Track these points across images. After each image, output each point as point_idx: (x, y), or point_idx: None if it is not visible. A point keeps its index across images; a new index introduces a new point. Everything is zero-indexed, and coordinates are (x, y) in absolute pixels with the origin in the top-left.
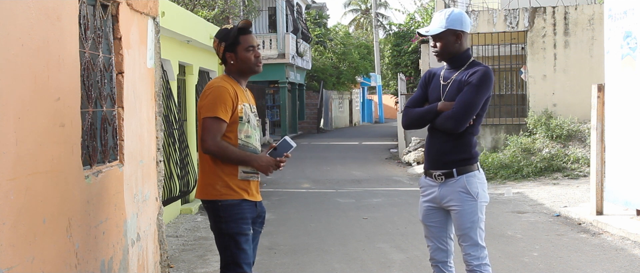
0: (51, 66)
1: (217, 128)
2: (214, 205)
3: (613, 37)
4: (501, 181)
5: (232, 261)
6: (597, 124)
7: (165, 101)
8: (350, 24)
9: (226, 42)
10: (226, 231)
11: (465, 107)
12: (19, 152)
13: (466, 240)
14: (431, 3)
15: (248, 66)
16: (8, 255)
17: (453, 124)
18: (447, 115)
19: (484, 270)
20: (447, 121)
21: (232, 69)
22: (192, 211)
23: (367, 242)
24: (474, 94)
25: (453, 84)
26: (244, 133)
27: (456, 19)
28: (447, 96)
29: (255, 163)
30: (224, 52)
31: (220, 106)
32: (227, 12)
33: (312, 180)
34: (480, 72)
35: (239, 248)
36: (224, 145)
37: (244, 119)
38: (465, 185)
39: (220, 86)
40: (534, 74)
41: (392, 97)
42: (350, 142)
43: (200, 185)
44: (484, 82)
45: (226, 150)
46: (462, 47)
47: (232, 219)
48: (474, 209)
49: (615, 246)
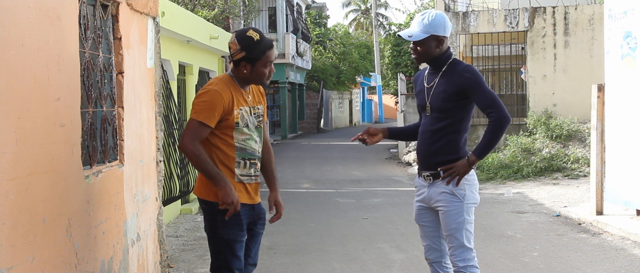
0: (51, 66)
1: (198, 132)
2: (212, 207)
3: (613, 37)
4: (501, 181)
5: (224, 266)
6: (597, 124)
7: (165, 101)
8: (350, 24)
9: (248, 54)
10: (222, 235)
11: (493, 102)
12: (19, 152)
13: (452, 241)
14: (431, 3)
15: (259, 80)
16: (8, 255)
17: (505, 121)
18: (499, 119)
19: (470, 271)
20: (501, 125)
21: (240, 75)
22: (192, 211)
23: (367, 242)
24: (484, 90)
25: (436, 90)
26: (241, 136)
27: (439, 24)
28: (432, 102)
29: (221, 191)
30: (241, 60)
31: (208, 112)
32: (227, 12)
33: (312, 180)
34: (469, 76)
35: (233, 254)
36: (198, 152)
37: (240, 125)
38: (451, 186)
39: (215, 91)
40: (534, 74)
41: (392, 97)
42: (350, 142)
43: (198, 183)
44: (478, 78)
45: (199, 158)
46: (442, 51)
47: (229, 225)
48: (459, 210)
49: (615, 246)
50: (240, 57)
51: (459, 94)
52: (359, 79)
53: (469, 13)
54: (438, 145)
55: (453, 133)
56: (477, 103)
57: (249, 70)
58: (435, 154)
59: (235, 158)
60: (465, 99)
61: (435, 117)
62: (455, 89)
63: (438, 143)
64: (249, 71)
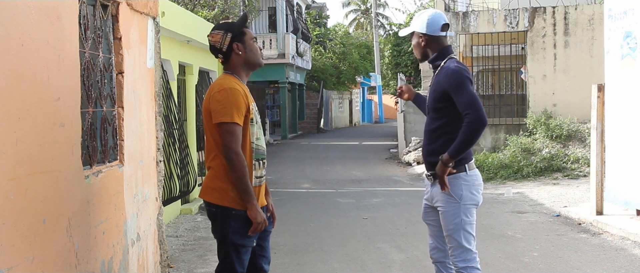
0: (51, 66)
1: (239, 134)
2: (226, 212)
3: (613, 37)
4: (501, 181)
5: (230, 269)
6: (597, 124)
7: (165, 101)
8: (350, 24)
9: (233, 32)
10: (231, 240)
11: (471, 104)
12: (19, 152)
13: (451, 242)
14: (431, 3)
15: (256, 55)
16: (8, 255)
17: (480, 123)
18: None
19: (471, 272)
20: (476, 128)
21: (237, 63)
22: (192, 211)
23: (367, 242)
24: (463, 92)
25: (430, 90)
26: (255, 135)
27: (420, 21)
28: (428, 102)
29: (252, 210)
30: (231, 44)
31: (236, 111)
32: (227, 12)
33: (312, 180)
34: (450, 74)
35: (239, 258)
36: (244, 161)
37: (254, 121)
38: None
39: (233, 89)
40: (534, 74)
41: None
42: (350, 142)
43: (210, 188)
44: (459, 79)
45: (245, 168)
46: (433, 50)
47: (241, 231)
48: (456, 211)
49: (615, 246)
50: (229, 40)
51: (446, 94)
52: (359, 79)
53: (469, 13)
54: (435, 145)
55: (448, 133)
56: (456, 103)
57: (243, 49)
58: (433, 154)
59: (253, 160)
60: (452, 99)
61: (432, 117)
62: (441, 89)
63: (435, 143)
64: (243, 50)
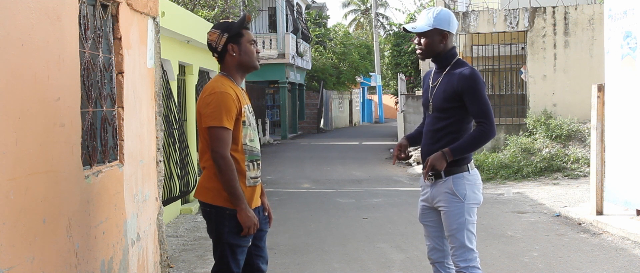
0: (51, 66)
1: (227, 139)
2: (221, 212)
3: (613, 37)
4: (501, 181)
5: (226, 269)
6: (597, 124)
7: (165, 101)
8: (350, 24)
9: (229, 33)
10: (227, 240)
11: (486, 114)
12: (19, 152)
13: (453, 241)
14: (431, 3)
15: (251, 58)
16: (8, 255)
17: (491, 135)
18: (486, 131)
19: (472, 272)
20: (485, 138)
21: (231, 64)
22: (192, 211)
23: (367, 242)
24: (479, 99)
25: (439, 89)
26: (248, 137)
27: (443, 18)
28: (434, 101)
29: (242, 213)
30: (226, 44)
31: (226, 115)
32: (227, 12)
33: (312, 180)
34: (468, 77)
35: (234, 258)
36: (232, 166)
37: (246, 123)
38: (452, 186)
39: (223, 92)
40: (534, 74)
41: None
42: (350, 142)
43: (205, 187)
44: (476, 84)
45: (233, 172)
46: (446, 47)
47: (236, 231)
48: (460, 210)
49: (615, 246)
50: (224, 40)
51: (458, 96)
52: (359, 79)
53: (469, 13)
54: (439, 145)
55: (454, 133)
56: (469, 108)
57: (238, 51)
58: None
59: (245, 161)
60: (463, 100)
61: (436, 116)
62: (453, 90)
63: (439, 143)
64: (238, 52)
